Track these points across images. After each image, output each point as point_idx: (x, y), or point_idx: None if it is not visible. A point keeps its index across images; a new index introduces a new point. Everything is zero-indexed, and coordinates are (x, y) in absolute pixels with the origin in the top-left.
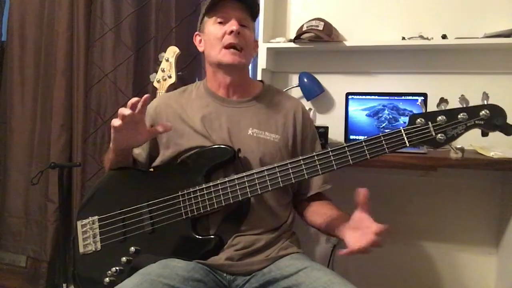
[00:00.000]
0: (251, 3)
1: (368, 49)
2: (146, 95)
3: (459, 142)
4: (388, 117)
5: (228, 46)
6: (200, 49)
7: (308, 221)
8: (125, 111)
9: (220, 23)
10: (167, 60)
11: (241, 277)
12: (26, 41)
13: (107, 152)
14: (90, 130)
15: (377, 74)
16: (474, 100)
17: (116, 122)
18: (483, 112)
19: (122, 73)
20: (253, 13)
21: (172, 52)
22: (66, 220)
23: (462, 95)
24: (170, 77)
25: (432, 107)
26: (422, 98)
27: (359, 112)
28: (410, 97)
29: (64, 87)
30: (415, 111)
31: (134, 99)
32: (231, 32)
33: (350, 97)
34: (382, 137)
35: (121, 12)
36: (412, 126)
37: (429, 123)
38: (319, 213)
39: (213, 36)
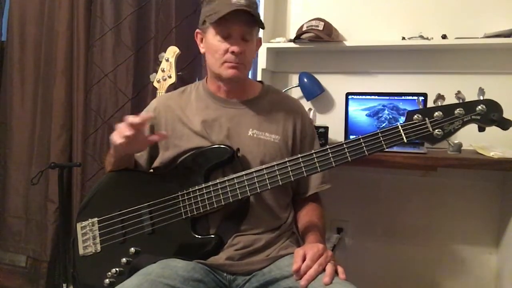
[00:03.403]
0: (254, 14)
1: (368, 49)
2: (148, 115)
3: (459, 140)
4: (388, 117)
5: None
6: (202, 50)
7: (295, 224)
8: (126, 131)
9: (223, 36)
10: (167, 60)
11: (241, 277)
12: (26, 41)
13: (107, 155)
14: (90, 130)
15: (377, 74)
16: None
17: (118, 139)
18: (479, 107)
19: (122, 73)
20: (257, 22)
21: (172, 52)
22: (66, 220)
23: (458, 91)
24: (170, 77)
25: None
26: (422, 98)
27: (359, 112)
28: (410, 97)
29: (64, 87)
30: None
31: (133, 120)
32: (233, 52)
33: (350, 97)
34: (379, 134)
35: (121, 12)
36: (409, 122)
37: (426, 119)
38: (302, 221)
39: (215, 49)
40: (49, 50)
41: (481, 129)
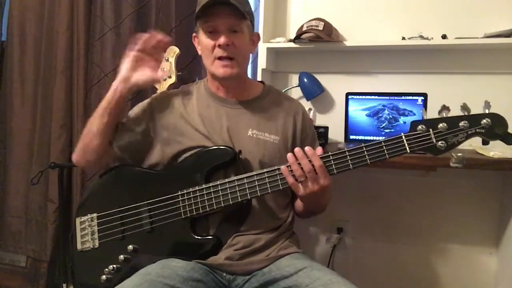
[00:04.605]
0: (239, 6)
1: (368, 49)
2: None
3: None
4: (388, 117)
5: (219, 58)
6: (199, 51)
7: (296, 211)
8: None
9: (210, 32)
10: (167, 60)
11: (240, 277)
12: (26, 41)
13: (94, 115)
14: None
15: (377, 74)
16: (474, 101)
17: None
18: (484, 120)
19: None
20: (245, 12)
21: (172, 52)
22: (66, 220)
23: (464, 104)
24: (170, 77)
25: (432, 107)
26: (422, 98)
27: (359, 112)
28: (410, 97)
29: (64, 87)
30: (415, 111)
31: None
32: (220, 45)
33: (350, 97)
34: (383, 143)
35: (121, 12)
36: (413, 133)
37: (430, 130)
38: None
39: (205, 47)
40: (49, 50)
41: (485, 143)
